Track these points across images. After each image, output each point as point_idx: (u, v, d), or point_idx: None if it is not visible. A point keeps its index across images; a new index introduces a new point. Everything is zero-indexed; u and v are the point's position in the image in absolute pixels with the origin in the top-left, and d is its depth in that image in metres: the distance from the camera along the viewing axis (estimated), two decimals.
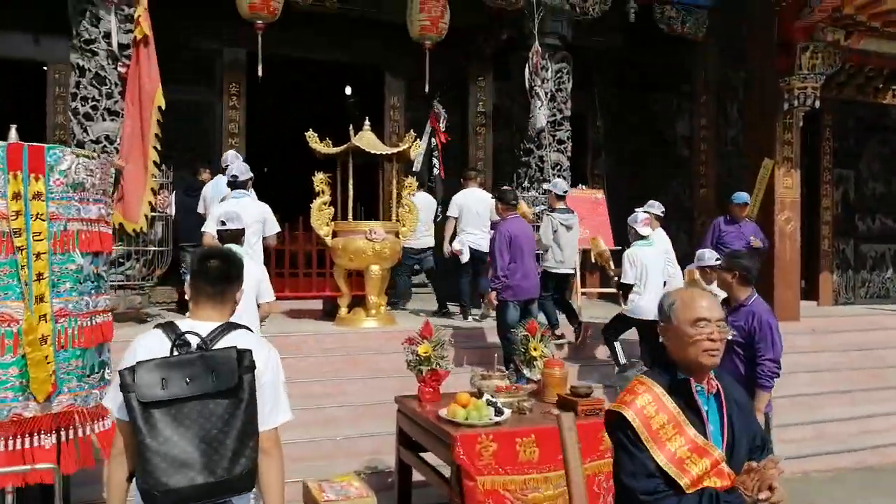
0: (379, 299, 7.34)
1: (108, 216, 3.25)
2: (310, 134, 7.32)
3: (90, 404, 3.14)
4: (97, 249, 3.13)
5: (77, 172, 3.00)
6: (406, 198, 7.55)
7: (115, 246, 6.88)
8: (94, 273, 3.11)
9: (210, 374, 1.96)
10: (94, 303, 3.18)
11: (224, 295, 2.22)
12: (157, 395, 1.93)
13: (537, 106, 8.27)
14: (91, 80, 6.96)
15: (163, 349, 2.04)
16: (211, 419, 1.95)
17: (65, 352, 2.99)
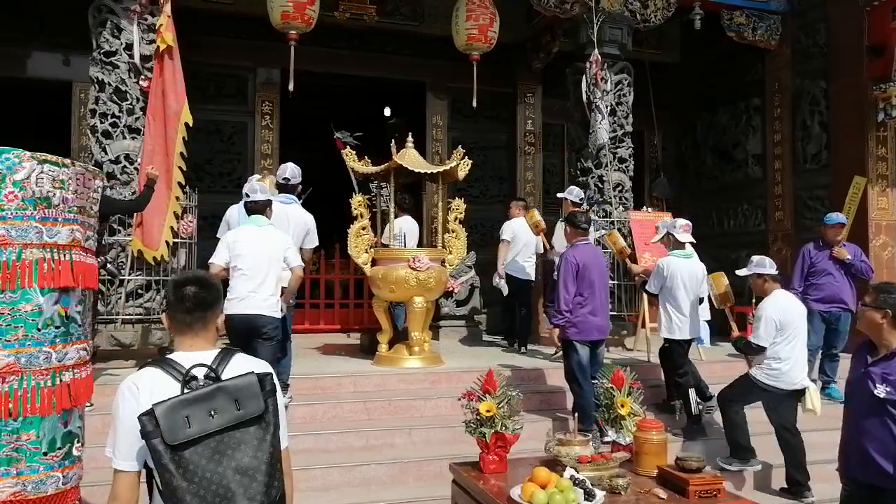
0: (423, 335, 6.53)
1: (87, 240, 2.49)
2: (347, 152, 6.62)
3: (48, 491, 2.36)
4: (67, 284, 2.38)
5: (39, 184, 2.27)
6: (453, 222, 6.76)
7: (133, 275, 6.27)
8: (60, 315, 2.37)
9: (234, 404, 1.91)
10: (59, 355, 2.41)
11: (205, 322, 2.13)
12: (184, 434, 1.84)
13: (598, 120, 7.45)
14: (111, 95, 6.39)
15: (170, 387, 1.96)
16: (242, 448, 1.90)
17: (13, 421, 2.24)
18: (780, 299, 5.10)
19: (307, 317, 9.44)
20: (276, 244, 4.88)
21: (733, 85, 9.88)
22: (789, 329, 5.00)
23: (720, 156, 10.17)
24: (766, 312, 5.01)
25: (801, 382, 5.03)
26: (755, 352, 5.11)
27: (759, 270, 5.15)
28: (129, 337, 6.25)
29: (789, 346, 4.99)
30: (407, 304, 6.47)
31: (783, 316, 5.01)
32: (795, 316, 5.07)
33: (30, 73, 8.62)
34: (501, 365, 6.51)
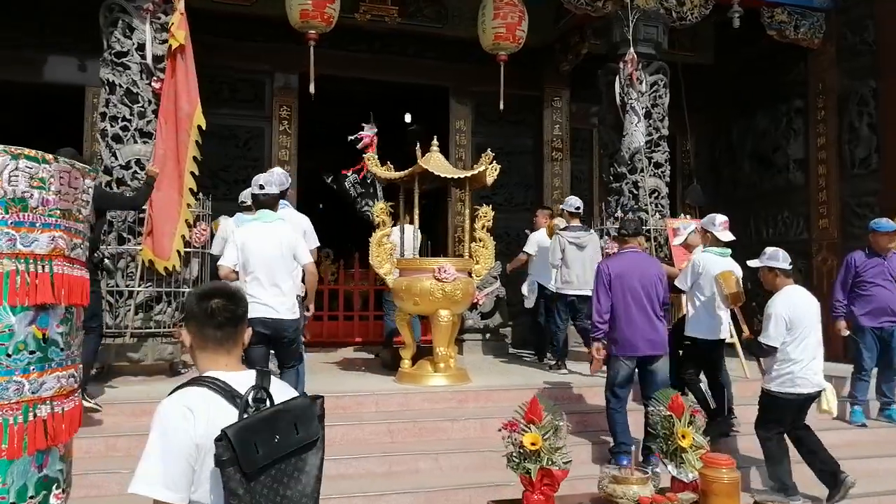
0: (449, 350, 6.12)
1: (73, 249, 2.11)
2: (369, 156, 6.26)
3: None
4: (45, 301, 2.00)
5: (13, 182, 1.90)
6: (480, 230, 6.36)
7: (143, 287, 5.94)
8: (36, 338, 1.98)
9: (293, 428, 1.82)
10: (33, 385, 2.01)
11: (236, 337, 1.97)
12: (257, 461, 1.72)
13: (633, 123, 7.02)
14: (122, 98, 6.08)
15: (226, 410, 1.79)
16: (296, 476, 1.82)
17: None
18: (790, 295, 4.67)
19: (325, 329, 9.07)
20: (285, 240, 4.64)
21: (772, 86, 9.39)
22: (800, 327, 4.58)
23: (758, 161, 9.68)
24: (776, 309, 4.60)
25: (818, 385, 4.63)
26: (765, 353, 4.70)
27: (770, 263, 4.74)
28: (138, 352, 5.91)
29: (801, 346, 4.58)
30: (431, 317, 6.07)
31: (793, 312, 4.60)
32: (807, 313, 4.65)
33: (44, 77, 8.37)
34: (531, 381, 6.07)
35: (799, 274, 8.68)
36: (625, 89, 7.43)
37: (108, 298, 5.95)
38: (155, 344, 6.01)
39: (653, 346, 4.97)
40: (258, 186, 4.80)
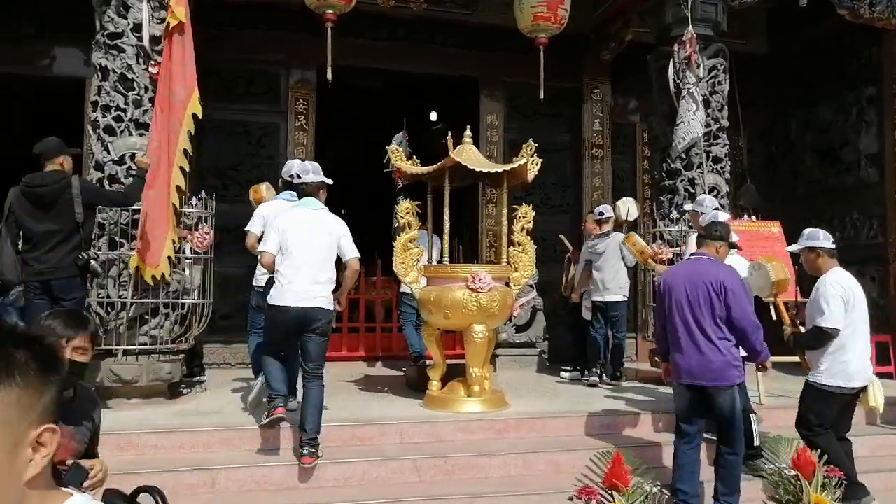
0: (484, 371, 5.33)
1: None
2: (393, 148, 5.50)
3: None
4: None
5: None
6: (520, 233, 5.57)
7: (136, 299, 5.24)
8: None
9: None
10: None
11: None
12: None
13: (690, 111, 6.19)
14: (115, 84, 5.40)
15: None
16: None
17: None
18: (840, 275, 4.28)
19: (345, 342, 8.34)
20: (334, 230, 4.52)
21: (838, 73, 8.47)
22: (854, 311, 4.20)
23: (822, 156, 8.75)
24: (830, 290, 4.18)
25: (869, 378, 4.25)
26: (826, 339, 4.17)
27: (810, 243, 4.36)
28: (131, 371, 5.20)
29: (855, 333, 4.19)
30: (464, 333, 5.28)
31: (847, 293, 4.19)
32: (860, 296, 4.27)
33: (49, 70, 7.74)
34: (577, 405, 5.25)
35: (873, 282, 7.76)
36: (680, 75, 6.60)
37: (97, 310, 5.26)
38: (151, 362, 5.30)
39: (701, 375, 4.02)
40: (308, 173, 4.68)
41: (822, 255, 4.34)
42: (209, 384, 6.40)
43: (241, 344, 7.78)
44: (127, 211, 5.26)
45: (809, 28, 8.68)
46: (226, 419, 4.88)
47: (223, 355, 7.81)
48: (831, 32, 8.30)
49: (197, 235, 5.53)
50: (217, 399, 5.69)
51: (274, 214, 4.75)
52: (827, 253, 4.35)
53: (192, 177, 7.60)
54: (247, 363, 7.77)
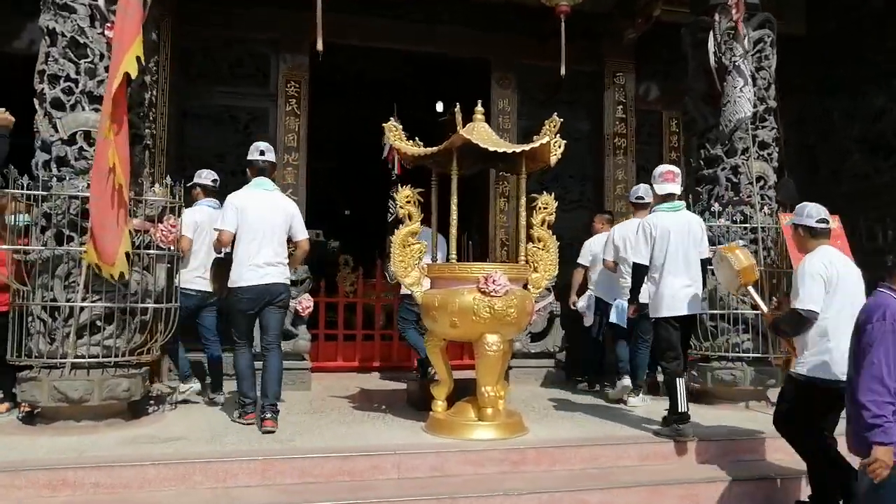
0: (498, 390, 4.49)
1: None
2: (390, 125, 4.68)
3: None
4: None
5: None
6: (540, 227, 4.73)
7: (88, 303, 4.42)
8: None
9: None
10: None
11: None
12: None
13: (737, 87, 5.34)
14: (64, 50, 4.59)
15: None
16: None
17: None
18: (826, 254, 3.76)
19: (340, 351, 7.50)
20: (289, 209, 4.80)
21: (888, 58, 7.61)
22: (839, 293, 3.64)
23: (871, 149, 7.89)
24: (810, 267, 3.69)
25: None
26: (803, 324, 3.68)
27: (796, 220, 3.92)
28: (80, 388, 4.37)
29: (841, 319, 3.57)
30: (475, 344, 4.44)
31: (830, 272, 3.66)
32: (848, 277, 3.71)
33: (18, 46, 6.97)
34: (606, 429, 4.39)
35: None
36: (722, 48, 5.77)
37: (41, 316, 4.45)
38: (105, 378, 4.47)
39: None
40: (258, 152, 4.87)
41: (803, 235, 3.89)
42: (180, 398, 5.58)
43: (225, 353, 6.97)
44: (77, 199, 4.45)
45: (853, 9, 7.87)
46: (188, 448, 4.05)
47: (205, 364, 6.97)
48: (878, 12, 7.48)
49: (161, 228, 4.71)
50: (185, 419, 4.87)
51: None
52: (811, 232, 3.86)
53: (171, 168, 6.86)
54: (231, 374, 6.96)
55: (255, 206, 4.63)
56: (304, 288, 6.38)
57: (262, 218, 4.61)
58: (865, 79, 7.94)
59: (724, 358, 5.64)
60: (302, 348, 6.28)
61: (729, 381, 5.58)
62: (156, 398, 5.43)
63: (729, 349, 5.62)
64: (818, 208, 3.88)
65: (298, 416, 5.08)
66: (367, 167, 8.51)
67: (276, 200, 4.76)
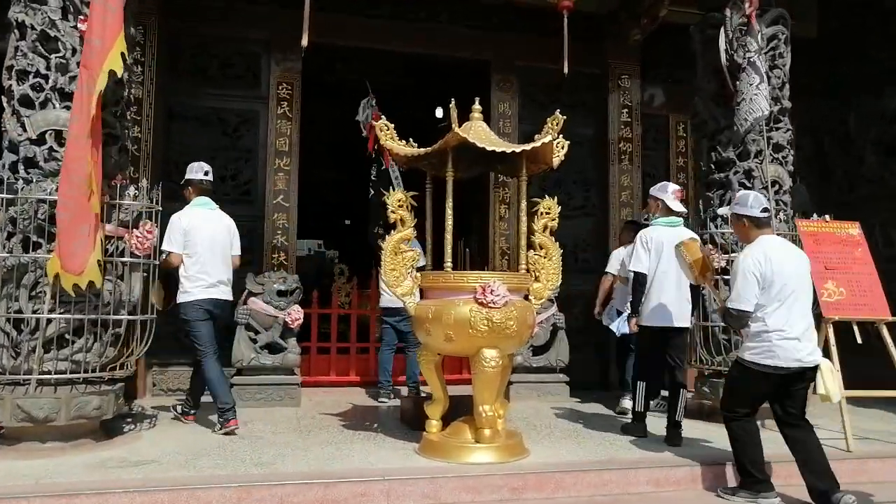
0: (497, 409, 4.16)
1: None
2: (380, 124, 4.38)
3: None
4: None
5: None
6: (542, 233, 4.42)
7: (56, 314, 4.11)
8: None
9: None
10: None
11: None
12: None
13: (752, 84, 5.03)
14: (34, 44, 4.31)
15: None
16: None
17: None
18: (763, 245, 3.78)
19: (333, 365, 7.17)
20: (231, 228, 5.08)
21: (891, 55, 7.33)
22: (777, 285, 3.69)
23: (888, 152, 7.57)
24: (745, 266, 3.74)
25: (807, 359, 3.69)
26: (738, 321, 3.78)
27: (737, 210, 3.92)
28: (46, 407, 4.06)
29: (781, 313, 3.67)
30: (472, 360, 4.11)
31: (766, 268, 3.69)
32: (787, 269, 3.72)
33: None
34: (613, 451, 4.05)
35: None
36: (734, 45, 5.47)
37: (4, 328, 4.13)
38: (73, 395, 4.16)
39: None
40: (203, 172, 5.04)
41: (747, 225, 3.88)
42: (161, 416, 5.26)
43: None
44: (45, 203, 4.15)
45: (866, 8, 7.58)
46: (159, 473, 3.72)
47: (189, 380, 6.64)
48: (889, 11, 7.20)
49: (136, 235, 4.40)
50: (162, 439, 4.53)
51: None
52: (753, 222, 3.87)
53: (157, 172, 6.57)
54: None
55: (204, 226, 4.84)
56: (293, 299, 6.06)
57: (212, 237, 4.84)
58: (882, 79, 7.64)
59: None
60: (291, 362, 5.96)
61: None
62: (133, 416, 5.12)
63: None
64: (760, 198, 3.91)
65: (284, 435, 4.76)
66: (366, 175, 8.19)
67: (221, 218, 5.01)
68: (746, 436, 3.84)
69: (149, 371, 6.51)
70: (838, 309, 4.89)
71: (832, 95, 8.28)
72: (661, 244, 4.74)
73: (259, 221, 6.88)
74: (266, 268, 6.66)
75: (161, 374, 6.54)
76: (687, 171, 8.20)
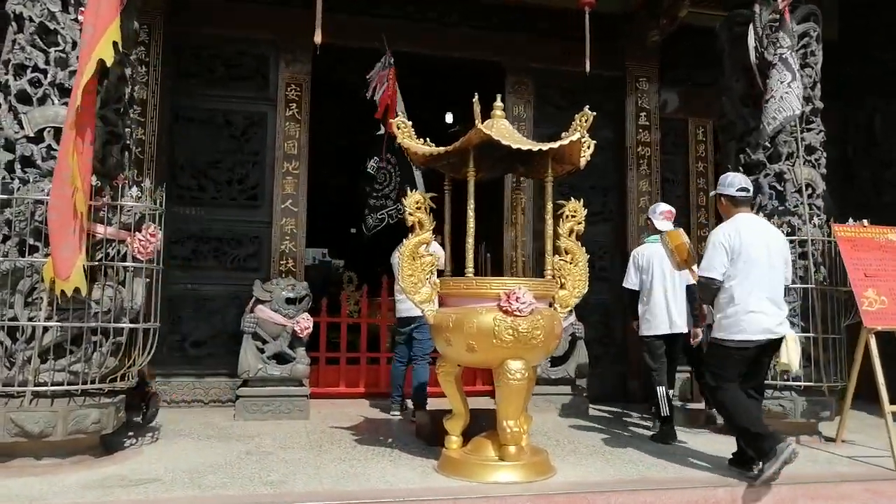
0: (521, 424, 3.89)
1: None
2: (398, 121, 4.14)
3: None
4: None
5: None
6: (567, 237, 4.17)
7: (54, 322, 3.87)
8: None
9: None
10: None
11: None
12: None
13: (784, 81, 4.79)
14: (32, 37, 4.09)
15: None
16: None
17: None
18: (736, 221, 4.06)
19: (343, 376, 6.92)
20: None
21: None
22: (744, 260, 3.93)
23: None
24: (715, 238, 4.04)
25: (776, 329, 3.89)
26: (706, 290, 4.03)
27: (719, 190, 4.22)
28: (41, 421, 3.81)
29: (747, 285, 3.91)
30: (495, 371, 3.85)
31: (734, 240, 3.96)
32: (756, 243, 3.96)
33: None
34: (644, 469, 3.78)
35: None
36: (763, 42, 5.24)
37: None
38: (71, 408, 3.91)
39: None
40: None
41: (725, 203, 4.18)
42: (165, 430, 5.01)
43: (216, 377, 6.44)
44: (43, 204, 3.91)
45: (886, 9, 7.36)
46: (161, 492, 3.47)
47: (194, 391, 6.41)
48: None
49: (139, 238, 4.16)
50: (165, 455, 4.28)
51: None
52: (731, 201, 4.15)
53: (161, 175, 6.34)
54: (223, 400, 6.40)
55: None
56: (302, 307, 5.82)
57: None
58: None
59: (771, 386, 5.01)
60: (300, 373, 5.70)
61: (777, 413, 4.96)
62: (135, 429, 4.87)
63: (776, 376, 5.00)
64: (739, 177, 4.20)
65: (294, 450, 4.49)
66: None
67: None
68: (737, 402, 3.92)
69: (151, 381, 6.25)
70: (880, 318, 4.62)
71: (856, 98, 8.04)
72: (650, 260, 5.23)
73: (266, 227, 6.64)
74: (273, 274, 6.42)
75: (164, 384, 6.29)
76: (707, 176, 7.95)
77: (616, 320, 7.55)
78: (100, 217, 4.05)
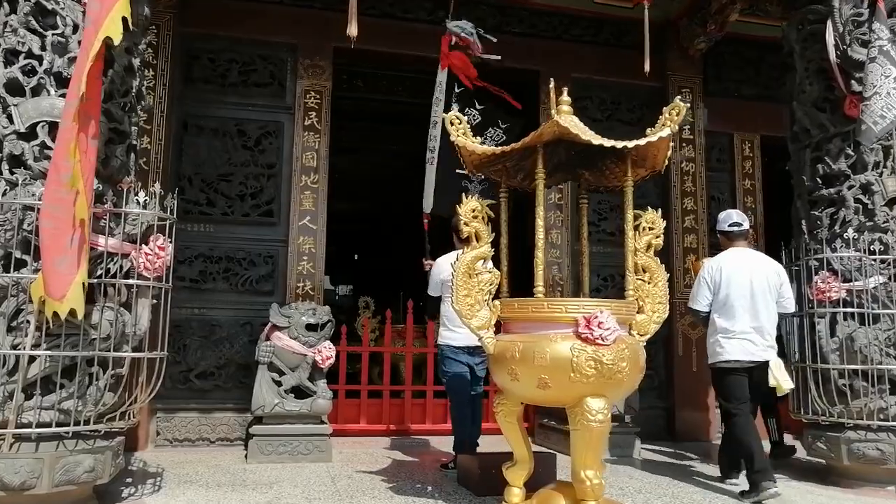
0: (597, 470, 3.24)
1: None
2: (452, 115, 3.56)
3: None
4: None
5: None
6: (645, 253, 3.57)
7: (42, 350, 3.24)
8: None
9: None
10: None
11: None
12: None
13: (889, 75, 4.22)
14: (27, 18, 3.53)
15: None
16: None
17: None
18: (723, 256, 4.47)
19: (364, 411, 6.25)
20: None
21: None
22: (723, 291, 4.32)
23: None
24: (701, 272, 4.49)
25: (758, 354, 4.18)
26: (694, 315, 4.61)
27: (718, 227, 4.64)
28: (22, 470, 3.16)
29: (729, 314, 4.28)
30: (570, 411, 3.21)
31: (717, 275, 4.35)
32: (739, 276, 4.30)
33: None
34: None
35: None
36: (846, 39, 4.70)
37: None
38: (61, 454, 3.26)
39: None
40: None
41: (724, 237, 4.59)
42: (168, 476, 4.34)
43: (223, 413, 5.78)
44: (34, 210, 3.31)
45: None
46: None
47: (200, 428, 5.74)
48: None
49: (146, 252, 3.55)
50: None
51: None
52: (725, 235, 4.58)
53: (168, 187, 5.74)
54: (231, 439, 5.75)
55: None
56: (324, 333, 5.19)
57: None
58: None
59: (865, 427, 4.38)
60: (321, 409, 5.05)
61: (873, 458, 4.32)
62: (132, 474, 4.22)
63: (871, 415, 4.36)
64: (729, 213, 4.60)
65: (320, 502, 3.83)
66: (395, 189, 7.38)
67: None
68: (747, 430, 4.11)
69: (152, 417, 5.60)
70: None
71: None
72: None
73: (282, 246, 6.04)
74: (290, 298, 5.80)
75: (166, 421, 5.64)
76: (755, 195, 7.38)
77: (658, 348, 6.92)
78: (100, 227, 3.45)
